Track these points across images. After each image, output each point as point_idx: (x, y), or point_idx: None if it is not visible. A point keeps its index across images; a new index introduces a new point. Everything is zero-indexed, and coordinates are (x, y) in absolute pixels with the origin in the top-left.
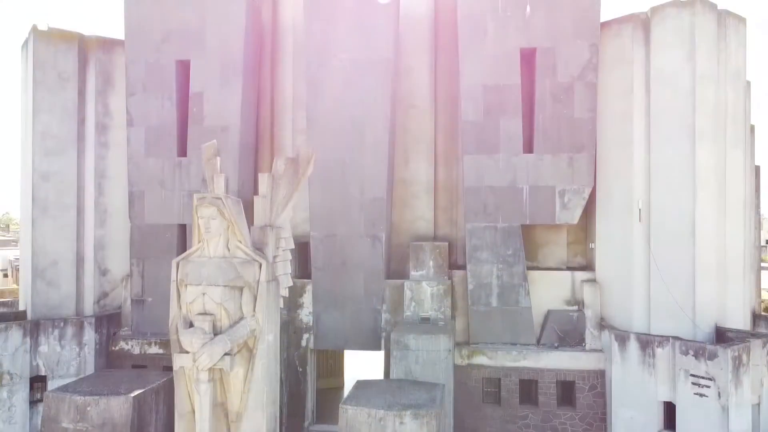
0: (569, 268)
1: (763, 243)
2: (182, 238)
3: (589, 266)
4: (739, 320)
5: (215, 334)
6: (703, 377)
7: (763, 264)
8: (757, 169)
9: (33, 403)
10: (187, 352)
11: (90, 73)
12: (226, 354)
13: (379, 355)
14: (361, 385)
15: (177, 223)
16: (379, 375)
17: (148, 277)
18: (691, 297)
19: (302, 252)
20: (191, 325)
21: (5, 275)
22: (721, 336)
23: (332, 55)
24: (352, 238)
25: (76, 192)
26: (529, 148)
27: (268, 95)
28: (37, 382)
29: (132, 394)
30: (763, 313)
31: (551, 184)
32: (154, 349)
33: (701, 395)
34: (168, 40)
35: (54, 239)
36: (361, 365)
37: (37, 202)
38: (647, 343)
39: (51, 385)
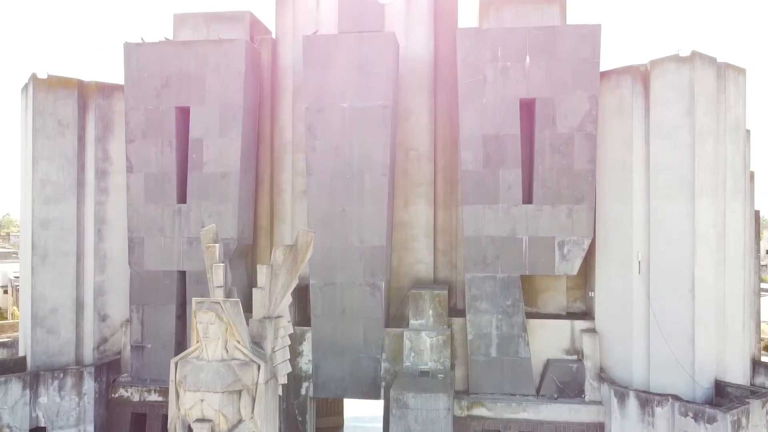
0: (569, 314)
1: (763, 254)
2: (182, 284)
3: (588, 313)
4: (738, 371)
5: None
6: None
7: (763, 284)
8: (757, 214)
9: None
10: None
11: (89, 119)
12: None
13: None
14: None
15: (177, 270)
16: (377, 416)
17: (147, 323)
18: (691, 352)
19: (302, 297)
20: (189, 429)
21: (5, 291)
22: (721, 390)
23: (331, 101)
24: (352, 286)
25: (76, 238)
26: (528, 198)
27: (268, 137)
28: None
29: None
30: (763, 359)
31: (551, 234)
32: (154, 397)
33: None
34: (167, 87)
35: (53, 286)
36: (361, 404)
37: (36, 250)
38: (647, 401)
39: None
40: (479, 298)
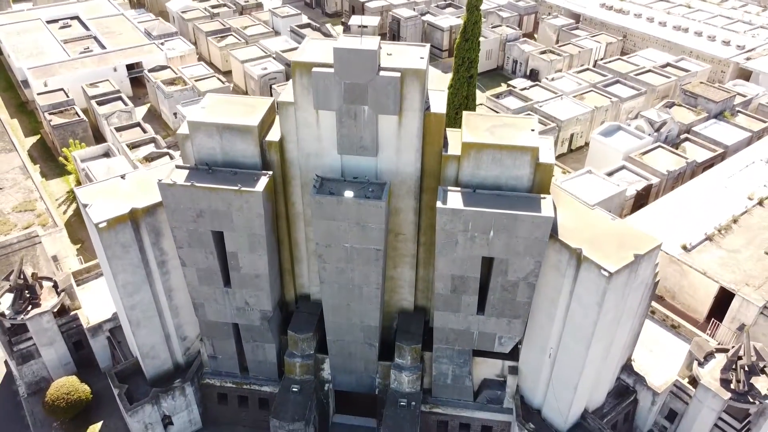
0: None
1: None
2: (236, 326)
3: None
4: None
5: None
6: None
7: None
8: (655, 286)
9: None
10: None
11: (144, 233)
12: None
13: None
14: None
15: (231, 322)
16: None
17: (216, 346)
18: (569, 402)
19: (324, 334)
20: None
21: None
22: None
23: (336, 241)
24: (355, 344)
25: (155, 307)
26: (481, 310)
27: (283, 213)
28: None
29: None
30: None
31: (494, 332)
32: (228, 384)
33: None
34: (202, 217)
35: (148, 336)
36: None
37: (132, 323)
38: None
39: None
40: (441, 357)
